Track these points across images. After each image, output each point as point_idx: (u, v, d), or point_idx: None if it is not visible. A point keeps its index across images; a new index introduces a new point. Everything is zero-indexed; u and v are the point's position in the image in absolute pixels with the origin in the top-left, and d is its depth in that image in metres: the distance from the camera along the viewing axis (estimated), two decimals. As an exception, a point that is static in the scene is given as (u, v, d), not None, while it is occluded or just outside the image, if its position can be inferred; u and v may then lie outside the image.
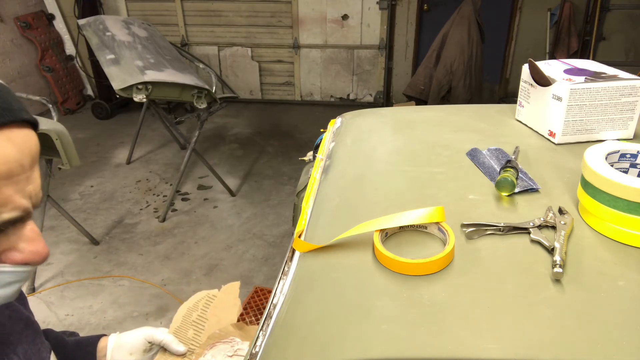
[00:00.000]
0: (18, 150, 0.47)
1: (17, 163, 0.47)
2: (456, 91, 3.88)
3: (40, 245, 0.52)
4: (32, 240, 0.52)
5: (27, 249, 0.51)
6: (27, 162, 0.48)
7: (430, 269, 0.64)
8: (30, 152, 0.49)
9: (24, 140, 0.48)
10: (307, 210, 0.87)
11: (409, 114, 1.28)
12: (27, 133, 0.49)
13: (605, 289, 0.60)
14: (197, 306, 1.58)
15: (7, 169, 0.46)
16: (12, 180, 0.47)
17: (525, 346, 0.53)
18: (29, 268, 0.53)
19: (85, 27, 3.15)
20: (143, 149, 4.35)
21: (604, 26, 4.68)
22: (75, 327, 2.33)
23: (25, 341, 0.69)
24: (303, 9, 5.14)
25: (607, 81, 0.94)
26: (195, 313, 1.55)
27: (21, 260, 0.51)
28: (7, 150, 0.46)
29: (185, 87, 3.02)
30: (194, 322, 1.53)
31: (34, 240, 0.52)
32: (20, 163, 0.47)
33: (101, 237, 3.06)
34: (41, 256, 0.53)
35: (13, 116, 0.47)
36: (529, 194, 0.82)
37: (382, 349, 0.54)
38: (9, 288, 0.52)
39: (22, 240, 0.51)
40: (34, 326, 0.73)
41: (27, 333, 0.70)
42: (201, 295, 1.61)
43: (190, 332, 1.49)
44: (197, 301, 1.60)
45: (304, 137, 4.69)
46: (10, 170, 0.46)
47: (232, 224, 3.23)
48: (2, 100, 0.47)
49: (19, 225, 0.50)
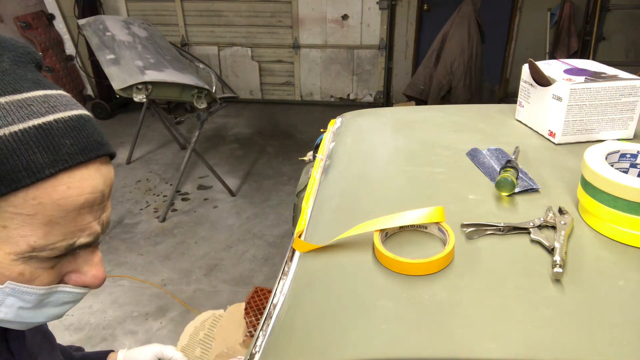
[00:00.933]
0: (104, 181, 0.51)
1: (101, 193, 0.51)
2: (456, 91, 3.87)
3: (101, 269, 0.56)
4: (95, 265, 0.55)
5: (89, 273, 0.54)
6: (107, 192, 0.53)
7: (430, 269, 0.64)
8: (111, 182, 0.54)
9: (109, 172, 0.53)
10: (307, 210, 0.87)
11: (409, 114, 1.28)
12: (110, 166, 0.54)
13: (605, 289, 0.60)
14: (203, 325, 1.58)
15: (94, 198, 0.50)
16: (94, 208, 0.51)
17: (525, 346, 0.53)
18: (86, 290, 0.56)
19: (85, 27, 3.15)
20: (143, 149, 4.35)
21: (604, 26, 4.68)
22: (75, 327, 2.33)
23: (44, 352, 0.69)
24: (303, 9, 5.14)
25: (607, 81, 0.94)
26: (202, 332, 1.55)
27: (83, 282, 0.54)
28: (96, 181, 0.50)
29: (185, 87, 3.02)
30: (200, 341, 1.53)
31: (97, 265, 0.55)
32: (103, 193, 0.51)
33: (101, 237, 3.05)
34: (100, 280, 0.56)
35: (104, 150, 0.51)
36: (529, 194, 0.82)
37: (383, 349, 0.54)
38: (63, 307, 0.55)
39: (87, 263, 0.54)
40: (50, 339, 0.74)
41: (45, 345, 0.71)
42: (207, 314, 1.62)
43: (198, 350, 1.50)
44: (204, 320, 1.61)
45: (304, 137, 4.69)
46: (95, 199, 0.50)
47: (232, 224, 3.23)
48: (97, 134, 0.51)
49: (88, 250, 0.54)
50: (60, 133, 0.46)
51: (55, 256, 0.49)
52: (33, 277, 0.49)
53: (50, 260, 0.50)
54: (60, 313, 0.55)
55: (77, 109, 0.50)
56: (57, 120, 0.47)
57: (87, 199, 0.49)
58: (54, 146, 0.45)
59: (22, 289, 0.49)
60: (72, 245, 0.50)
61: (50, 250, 0.48)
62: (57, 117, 0.47)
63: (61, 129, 0.47)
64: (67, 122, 0.47)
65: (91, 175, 0.49)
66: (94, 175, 0.50)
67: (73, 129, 0.48)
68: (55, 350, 0.73)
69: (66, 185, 0.47)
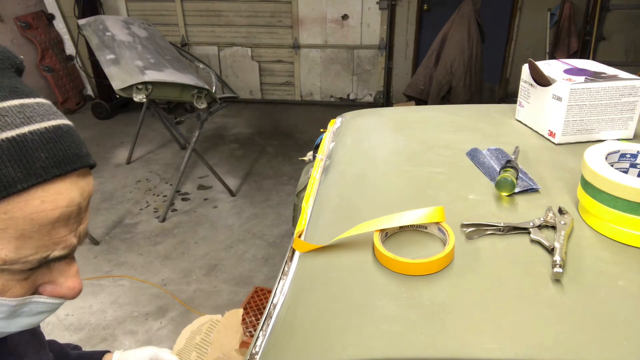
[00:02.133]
0: (80, 194, 0.50)
1: (78, 206, 0.49)
2: (456, 91, 3.87)
3: (77, 281, 0.54)
4: (71, 277, 0.53)
5: (65, 284, 0.53)
6: (84, 204, 0.51)
7: (430, 269, 0.64)
8: (89, 194, 0.52)
9: (87, 184, 0.51)
10: (307, 210, 0.87)
11: (409, 114, 1.28)
12: (89, 178, 0.52)
13: (605, 289, 0.60)
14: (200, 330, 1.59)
15: (69, 212, 0.48)
16: (70, 221, 0.49)
17: (525, 346, 0.53)
18: (62, 301, 0.55)
19: (85, 27, 3.15)
20: (143, 149, 4.35)
21: (604, 26, 4.68)
22: (75, 327, 2.33)
23: (31, 351, 0.69)
24: (303, 9, 5.14)
25: (607, 81, 0.94)
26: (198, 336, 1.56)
27: (58, 294, 0.53)
28: (73, 195, 0.48)
29: (185, 87, 3.02)
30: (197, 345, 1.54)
31: (73, 276, 0.54)
32: (79, 206, 0.50)
33: (101, 237, 3.06)
34: (76, 292, 0.54)
35: (82, 162, 0.49)
36: (529, 194, 0.82)
37: (383, 349, 0.54)
38: (38, 317, 0.54)
39: (62, 275, 0.53)
40: (39, 337, 0.73)
41: (33, 344, 0.70)
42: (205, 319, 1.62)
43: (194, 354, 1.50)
44: (201, 325, 1.61)
45: (304, 137, 4.69)
46: (71, 212, 0.49)
47: (232, 224, 3.23)
48: (75, 145, 0.49)
49: (63, 262, 0.52)
50: (35, 146, 0.44)
51: (28, 269, 0.48)
52: (5, 289, 0.48)
53: (23, 273, 0.49)
54: (35, 322, 0.54)
55: (55, 119, 0.48)
56: (32, 132, 0.45)
57: (62, 213, 0.47)
58: (28, 160, 0.44)
59: None
60: (46, 258, 0.48)
61: (23, 264, 0.47)
62: (33, 128, 0.45)
63: (36, 141, 0.45)
64: (42, 134, 0.46)
65: (67, 188, 0.47)
66: (70, 189, 0.48)
67: (49, 141, 0.46)
68: (43, 349, 0.73)
69: (40, 200, 0.45)
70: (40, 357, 0.71)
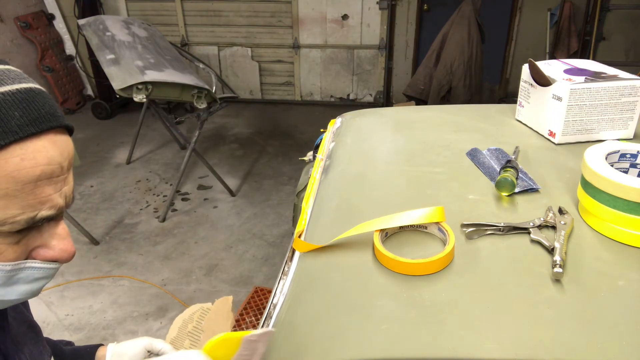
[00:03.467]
0: (60, 153, 0.51)
1: (59, 165, 0.50)
2: (456, 91, 3.87)
3: (69, 243, 0.55)
4: (62, 238, 0.54)
5: (57, 247, 0.54)
6: (66, 164, 0.52)
7: (430, 269, 0.64)
8: (69, 155, 0.53)
9: (66, 144, 0.52)
10: (307, 210, 0.87)
11: (409, 114, 1.28)
12: (66, 138, 0.53)
13: (605, 289, 0.60)
14: (192, 318, 1.60)
15: (51, 170, 0.49)
16: (53, 180, 0.50)
17: (525, 346, 0.53)
18: (57, 265, 0.55)
19: (85, 27, 3.15)
20: (143, 149, 4.35)
21: (604, 26, 4.68)
22: (75, 327, 2.33)
23: (30, 342, 0.70)
24: (303, 9, 5.14)
25: (607, 81, 0.94)
26: (190, 325, 1.57)
27: (51, 257, 0.54)
28: (52, 153, 0.49)
29: (185, 87, 3.02)
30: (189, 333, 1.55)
31: (64, 238, 0.55)
32: (61, 165, 0.51)
33: (101, 237, 3.06)
34: (69, 254, 0.55)
35: (57, 122, 0.51)
36: (529, 194, 0.82)
37: (383, 349, 0.54)
38: (35, 284, 0.54)
39: (53, 238, 0.54)
40: (35, 329, 0.74)
41: (31, 335, 0.71)
42: (195, 307, 1.63)
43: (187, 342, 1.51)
44: (192, 313, 1.62)
45: (304, 137, 4.69)
46: (52, 171, 0.50)
47: (232, 224, 3.23)
48: (49, 106, 0.51)
49: (52, 223, 0.53)
50: (8, 105, 0.46)
51: (17, 230, 0.49)
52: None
53: (14, 235, 0.49)
54: (34, 290, 0.55)
55: (26, 82, 0.50)
56: (3, 93, 0.46)
57: (43, 171, 0.48)
58: (2, 118, 0.45)
59: None
60: (34, 218, 0.49)
61: (11, 225, 0.48)
62: (4, 89, 0.47)
63: (9, 101, 0.46)
64: (15, 95, 0.47)
65: (45, 146, 0.49)
66: (48, 147, 0.49)
67: (22, 101, 0.47)
68: (40, 341, 0.73)
69: (19, 157, 0.46)
70: (39, 348, 0.71)
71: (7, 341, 0.63)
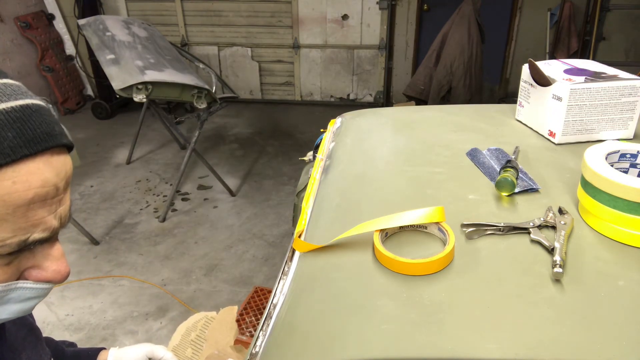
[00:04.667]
0: (56, 174, 0.49)
1: (54, 186, 0.49)
2: (456, 91, 3.87)
3: (63, 264, 0.54)
4: (56, 260, 0.53)
5: (50, 268, 0.52)
6: (62, 185, 0.50)
7: (430, 269, 0.64)
8: (66, 175, 0.51)
9: (63, 164, 0.50)
10: (307, 210, 0.87)
11: (409, 114, 1.28)
12: (65, 157, 0.51)
13: (605, 289, 0.60)
14: (195, 326, 1.59)
15: (45, 192, 0.48)
16: (47, 202, 0.48)
17: (525, 346, 0.53)
18: (50, 286, 0.54)
19: (85, 27, 3.15)
20: (143, 149, 4.35)
21: (604, 26, 4.68)
22: (75, 327, 2.33)
23: (29, 347, 0.69)
24: (303, 9, 5.14)
25: (607, 81, 0.94)
26: (193, 333, 1.56)
27: (44, 278, 0.53)
28: (46, 175, 0.47)
29: (185, 87, 3.02)
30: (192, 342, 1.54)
31: (58, 259, 0.53)
32: (56, 186, 0.49)
33: (101, 237, 3.06)
34: (63, 275, 0.54)
35: (54, 141, 0.48)
36: (529, 194, 0.82)
37: (383, 348, 0.54)
38: (27, 303, 0.53)
39: (47, 259, 0.52)
40: (36, 332, 0.73)
41: (30, 339, 0.70)
42: (200, 316, 1.63)
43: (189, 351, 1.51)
44: (196, 322, 1.62)
45: (304, 137, 4.69)
46: (47, 193, 0.48)
47: (232, 224, 3.23)
48: (46, 124, 0.48)
49: (46, 245, 0.52)
50: (1, 125, 0.44)
51: (8, 253, 0.48)
52: None
53: (5, 257, 0.48)
54: (25, 309, 0.54)
55: (23, 99, 0.47)
56: None
57: (36, 194, 0.47)
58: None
59: None
60: (25, 241, 0.48)
61: (1, 248, 0.46)
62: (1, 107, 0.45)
63: (2, 120, 0.44)
64: (9, 114, 0.45)
65: (39, 168, 0.47)
66: (43, 169, 0.47)
67: (16, 121, 0.45)
68: (41, 344, 0.73)
69: (11, 181, 0.44)
70: (38, 353, 0.70)
71: (3, 349, 0.63)
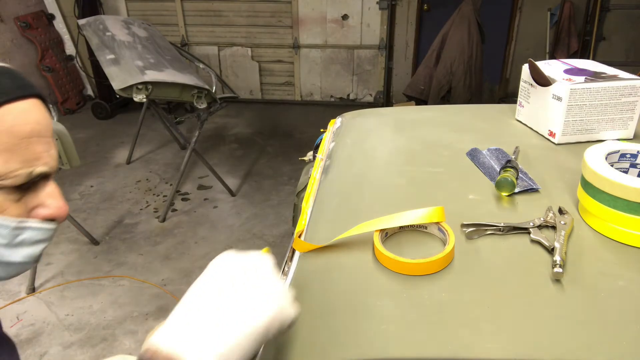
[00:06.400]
0: (43, 117, 0.59)
1: (45, 126, 0.58)
2: (456, 91, 3.87)
3: (62, 201, 0.61)
4: (56, 197, 0.60)
5: (53, 205, 0.60)
6: (48, 129, 0.59)
7: (430, 269, 0.64)
8: (49, 123, 0.60)
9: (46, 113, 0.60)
10: (307, 210, 0.87)
11: (409, 114, 1.28)
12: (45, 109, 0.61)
13: (605, 289, 0.60)
14: None
15: (39, 129, 0.57)
16: (42, 139, 0.57)
17: (525, 346, 0.53)
18: (54, 226, 0.61)
19: (85, 27, 3.15)
20: (143, 149, 4.35)
21: (604, 26, 4.68)
22: (75, 327, 2.33)
23: (6, 355, 0.69)
24: (303, 9, 5.14)
25: (607, 81, 0.94)
26: None
27: (49, 215, 0.60)
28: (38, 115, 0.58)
29: (185, 87, 3.02)
30: None
31: (58, 197, 0.61)
32: (47, 127, 0.59)
33: (101, 237, 3.06)
34: (64, 211, 0.61)
35: (36, 91, 0.59)
36: (529, 194, 0.82)
37: (383, 349, 0.54)
38: (37, 247, 0.60)
39: (48, 197, 0.60)
40: (10, 343, 0.74)
41: (6, 349, 0.71)
42: None
43: None
44: None
45: (304, 137, 4.69)
46: (40, 130, 0.57)
47: (232, 224, 3.23)
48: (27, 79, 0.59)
49: (46, 183, 0.60)
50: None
51: (18, 185, 0.55)
52: (2, 209, 0.55)
53: (15, 193, 0.56)
54: (35, 253, 0.60)
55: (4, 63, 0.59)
56: None
57: (33, 128, 0.56)
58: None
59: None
60: (31, 174, 0.56)
61: (12, 179, 0.54)
62: None
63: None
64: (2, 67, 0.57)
65: (31, 109, 0.57)
66: (34, 110, 0.57)
67: (7, 72, 0.57)
68: (15, 353, 0.74)
69: (13, 115, 0.54)
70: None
71: None
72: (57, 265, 2.78)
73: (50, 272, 2.72)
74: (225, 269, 0.49)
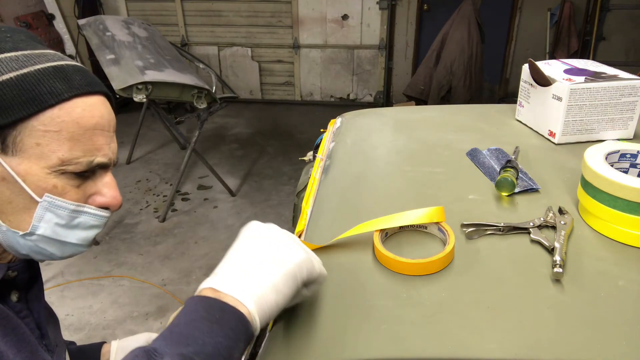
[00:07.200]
0: (108, 112, 0.64)
1: (108, 121, 0.63)
2: (456, 91, 3.88)
3: (117, 192, 0.66)
4: (112, 187, 0.65)
5: (109, 194, 0.64)
6: (113, 124, 0.65)
7: (430, 269, 0.64)
8: (113, 119, 0.65)
9: (110, 109, 0.65)
10: (307, 210, 0.87)
11: (409, 114, 1.28)
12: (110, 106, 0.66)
13: (605, 289, 0.60)
14: None
15: (103, 123, 0.62)
16: (105, 133, 0.62)
17: (525, 346, 0.53)
18: (107, 214, 0.65)
19: (85, 27, 3.15)
20: (143, 149, 4.35)
21: (604, 26, 4.68)
22: (75, 327, 2.33)
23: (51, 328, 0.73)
24: (303, 9, 5.14)
25: (607, 81, 0.94)
26: None
27: (105, 202, 0.64)
28: (103, 110, 0.62)
29: (185, 87, 3.02)
30: None
31: (114, 187, 0.65)
32: (110, 122, 0.64)
33: (101, 237, 3.06)
34: (118, 201, 0.66)
35: (103, 89, 0.64)
36: (529, 194, 0.82)
37: (382, 349, 0.54)
38: (90, 231, 0.64)
39: (105, 186, 0.64)
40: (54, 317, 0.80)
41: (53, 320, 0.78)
42: None
43: None
44: None
45: (304, 137, 4.69)
46: (104, 124, 0.62)
47: (232, 224, 3.23)
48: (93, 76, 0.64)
49: (104, 174, 0.64)
50: (71, 71, 0.61)
51: (80, 172, 0.60)
52: (64, 192, 0.59)
53: (76, 179, 0.60)
54: (89, 237, 0.64)
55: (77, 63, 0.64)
56: (67, 65, 0.61)
57: (97, 122, 0.61)
58: (68, 79, 0.59)
59: (56, 202, 0.59)
60: (92, 162, 0.60)
61: (75, 165, 0.59)
62: (67, 62, 0.62)
63: (71, 68, 0.61)
64: (74, 66, 0.62)
65: (98, 104, 0.62)
66: (100, 105, 0.62)
67: (79, 70, 0.62)
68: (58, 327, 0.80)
69: (81, 108, 0.59)
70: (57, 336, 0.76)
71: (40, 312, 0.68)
72: (57, 265, 2.78)
73: (50, 272, 2.72)
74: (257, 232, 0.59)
